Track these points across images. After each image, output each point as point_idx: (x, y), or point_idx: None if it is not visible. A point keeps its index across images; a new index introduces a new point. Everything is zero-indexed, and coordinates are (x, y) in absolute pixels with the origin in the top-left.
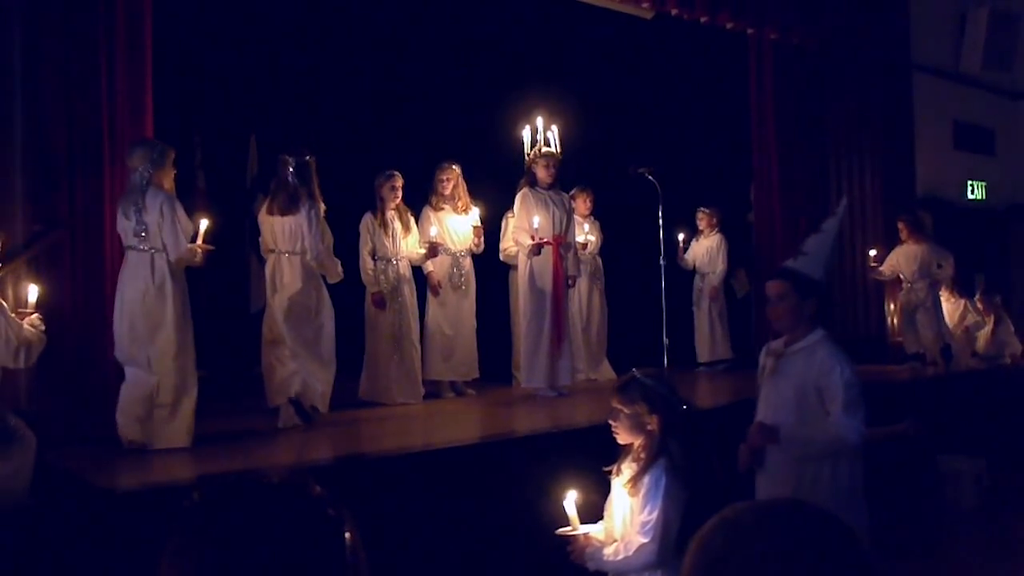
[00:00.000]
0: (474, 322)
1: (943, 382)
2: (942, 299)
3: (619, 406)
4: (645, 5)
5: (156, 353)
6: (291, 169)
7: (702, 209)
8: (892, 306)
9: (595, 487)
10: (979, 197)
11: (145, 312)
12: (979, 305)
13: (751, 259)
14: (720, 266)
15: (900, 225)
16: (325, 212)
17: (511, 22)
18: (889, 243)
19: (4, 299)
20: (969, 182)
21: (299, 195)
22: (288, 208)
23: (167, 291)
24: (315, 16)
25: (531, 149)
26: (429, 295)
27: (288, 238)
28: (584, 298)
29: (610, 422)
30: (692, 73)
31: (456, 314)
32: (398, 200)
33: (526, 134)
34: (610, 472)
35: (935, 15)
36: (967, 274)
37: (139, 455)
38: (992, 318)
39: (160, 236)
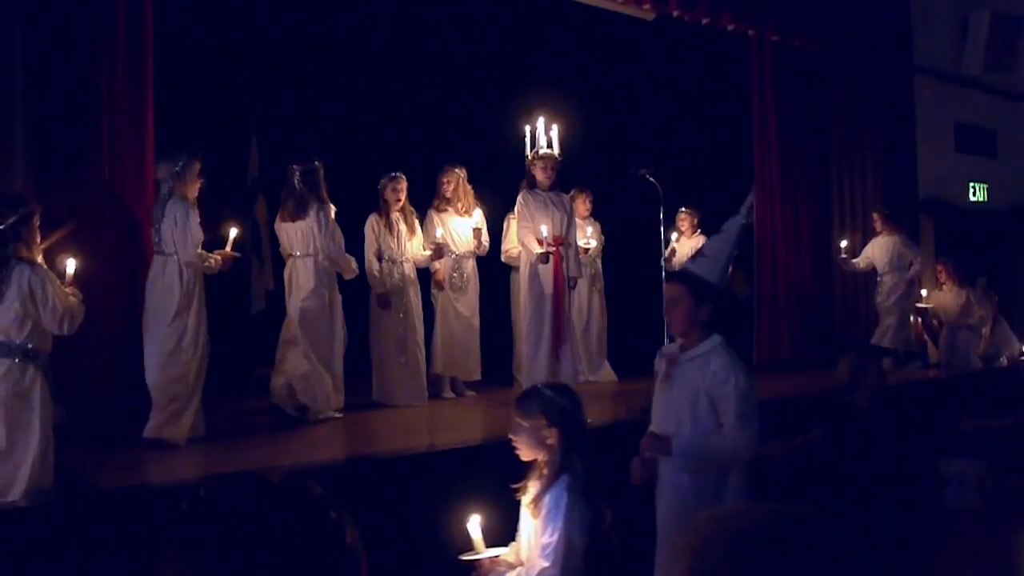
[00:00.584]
0: (477, 323)
1: (942, 383)
2: (944, 291)
3: (519, 419)
4: (646, 6)
5: (170, 349)
6: (297, 176)
7: (683, 210)
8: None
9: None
10: (981, 199)
11: (154, 310)
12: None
13: (751, 261)
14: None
15: (875, 216)
16: (335, 213)
17: (513, 24)
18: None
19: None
20: (971, 184)
21: (307, 200)
22: (298, 214)
23: (176, 292)
24: (317, 17)
25: (531, 151)
26: (434, 292)
27: (300, 242)
28: (584, 300)
29: (511, 436)
30: (693, 75)
31: (460, 315)
32: (402, 202)
33: (527, 135)
34: (518, 490)
35: (936, 17)
36: (969, 276)
37: (139, 455)
38: (990, 320)
39: (172, 242)
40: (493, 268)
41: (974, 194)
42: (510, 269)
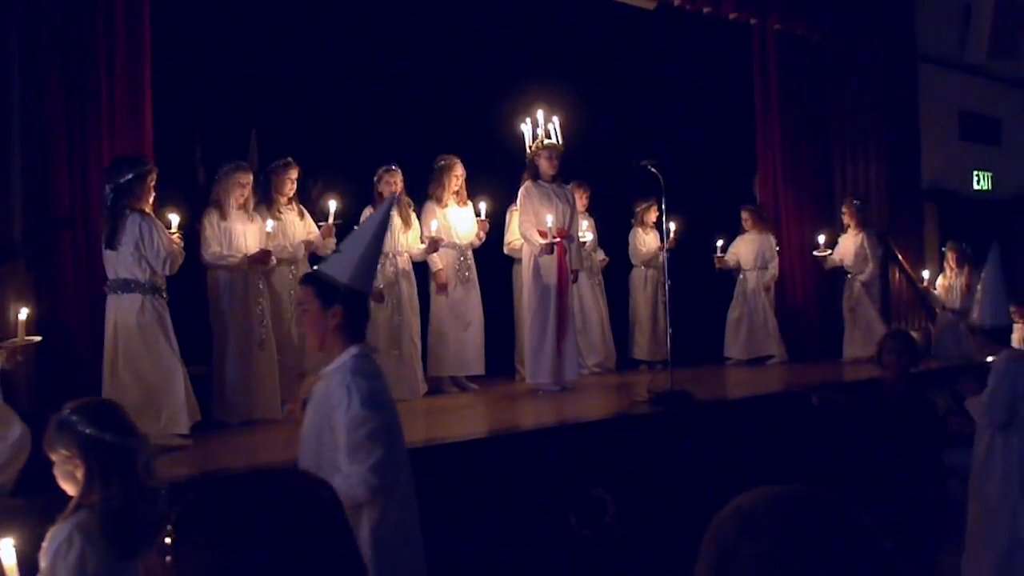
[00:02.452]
0: (482, 315)
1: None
2: (939, 281)
3: (49, 453)
4: None
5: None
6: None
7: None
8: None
9: None
10: (985, 187)
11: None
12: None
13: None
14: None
15: (845, 209)
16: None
17: (512, 13)
18: (896, 234)
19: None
20: (975, 172)
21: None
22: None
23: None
24: (315, 10)
25: (532, 142)
26: (434, 292)
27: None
28: (584, 293)
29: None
30: (695, 65)
31: (464, 308)
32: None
33: (527, 127)
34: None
35: (939, 4)
36: (975, 265)
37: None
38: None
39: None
40: (495, 260)
41: (978, 182)
42: (512, 261)
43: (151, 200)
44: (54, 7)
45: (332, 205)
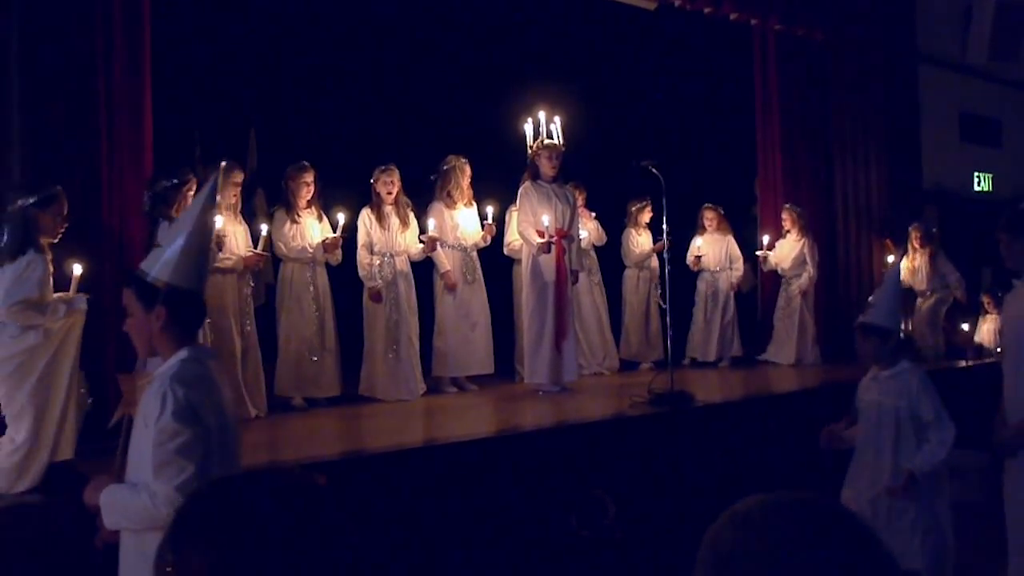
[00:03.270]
0: (489, 315)
1: (946, 375)
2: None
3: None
4: None
5: None
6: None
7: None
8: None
9: None
10: (986, 189)
11: None
12: (986, 300)
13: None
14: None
15: (785, 216)
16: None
17: (513, 14)
18: (897, 237)
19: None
20: (976, 174)
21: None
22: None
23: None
24: (316, 9)
25: (533, 142)
26: (440, 293)
27: None
28: (583, 293)
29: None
30: (695, 65)
31: (471, 308)
32: (394, 194)
33: (528, 127)
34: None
35: (940, 5)
36: (975, 268)
37: None
38: (997, 312)
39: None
40: (496, 261)
41: (979, 184)
42: (512, 262)
43: (181, 205)
44: (53, 8)
45: (341, 218)
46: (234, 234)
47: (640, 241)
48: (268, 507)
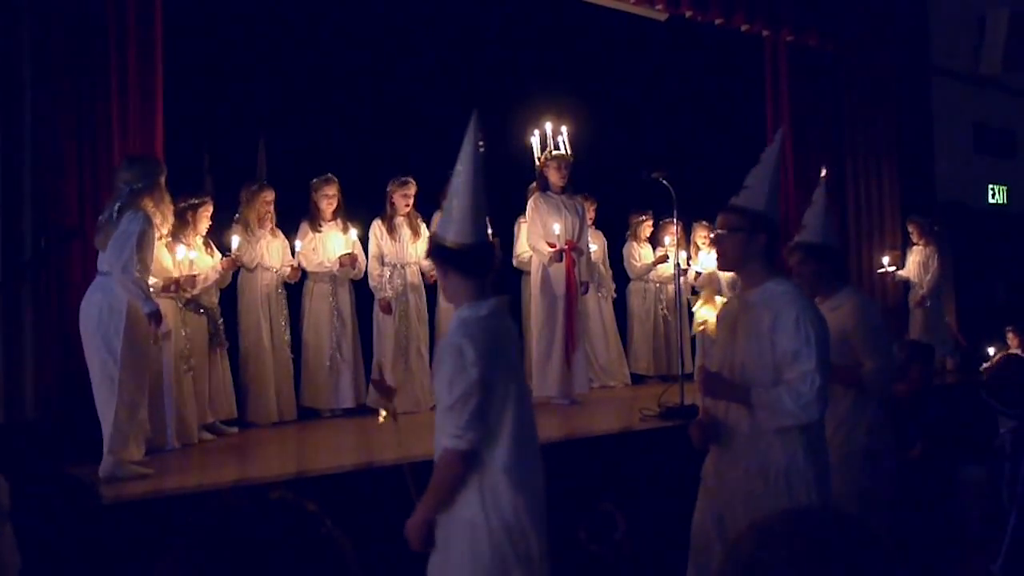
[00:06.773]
0: None
1: (957, 390)
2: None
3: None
4: (659, 7)
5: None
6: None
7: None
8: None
9: None
10: (1001, 201)
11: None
12: (1010, 335)
13: None
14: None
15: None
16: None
17: (523, 24)
18: (906, 247)
19: None
20: (990, 186)
21: None
22: None
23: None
24: (324, 19)
25: (541, 153)
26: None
27: None
28: (592, 305)
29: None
30: (707, 76)
31: None
32: (409, 207)
33: (536, 139)
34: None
35: (954, 17)
36: (989, 280)
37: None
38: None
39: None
40: (504, 273)
41: (993, 196)
42: (521, 273)
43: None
44: (65, 15)
45: (235, 241)
46: (268, 247)
47: (642, 254)
48: (257, 530)
